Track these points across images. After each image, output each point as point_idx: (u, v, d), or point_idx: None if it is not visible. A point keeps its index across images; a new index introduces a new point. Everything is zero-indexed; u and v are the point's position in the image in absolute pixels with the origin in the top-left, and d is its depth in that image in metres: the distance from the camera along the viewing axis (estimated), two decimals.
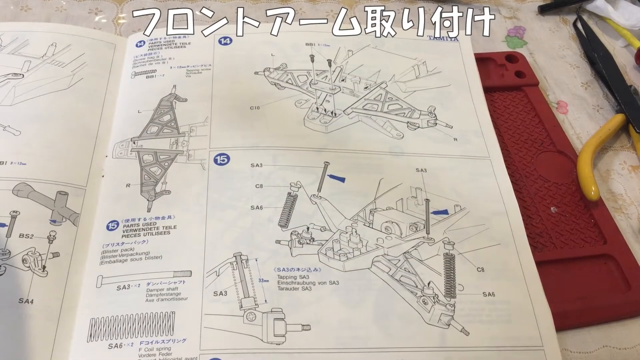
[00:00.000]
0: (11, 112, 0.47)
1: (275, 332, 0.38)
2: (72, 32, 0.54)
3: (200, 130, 0.47)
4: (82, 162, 0.46)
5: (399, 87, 0.53)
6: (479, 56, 0.57)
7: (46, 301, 0.39)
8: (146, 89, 0.51)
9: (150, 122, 0.48)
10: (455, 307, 0.40)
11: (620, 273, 0.44)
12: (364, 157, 0.47)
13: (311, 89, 0.51)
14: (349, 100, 0.51)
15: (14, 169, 0.44)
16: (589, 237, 0.46)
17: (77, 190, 0.44)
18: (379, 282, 0.41)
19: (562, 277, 0.43)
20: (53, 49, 0.52)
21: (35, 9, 0.58)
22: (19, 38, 0.53)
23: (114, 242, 0.42)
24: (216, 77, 0.51)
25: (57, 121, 0.47)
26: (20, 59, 0.51)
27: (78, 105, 0.49)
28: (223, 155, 0.46)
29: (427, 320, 0.39)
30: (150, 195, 0.44)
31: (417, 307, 0.40)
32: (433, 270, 0.41)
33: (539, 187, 0.49)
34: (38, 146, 0.45)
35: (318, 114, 0.49)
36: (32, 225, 0.41)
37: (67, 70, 0.51)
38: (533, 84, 0.56)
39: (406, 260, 0.42)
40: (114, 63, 0.53)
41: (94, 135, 0.47)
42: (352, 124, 0.49)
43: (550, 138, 0.52)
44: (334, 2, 0.63)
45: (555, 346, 0.39)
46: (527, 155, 0.51)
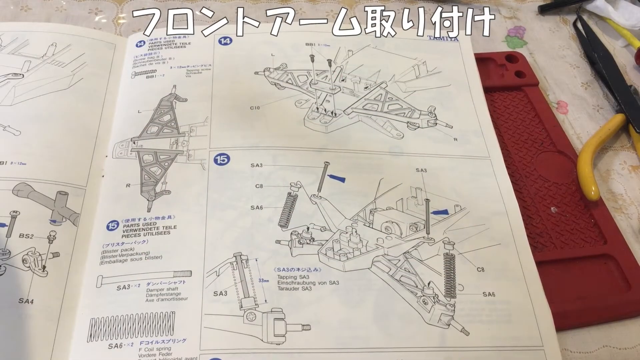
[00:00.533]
0: (11, 112, 0.47)
1: (276, 332, 0.38)
2: (72, 32, 0.54)
3: (200, 130, 0.47)
4: (82, 162, 0.46)
5: (399, 87, 0.52)
6: (479, 56, 0.57)
7: (46, 301, 0.39)
8: (146, 89, 0.51)
9: (150, 122, 0.48)
10: (455, 307, 0.40)
11: (621, 273, 0.44)
12: (364, 157, 0.47)
13: (311, 89, 0.51)
14: (349, 100, 0.51)
15: (14, 169, 0.44)
16: (589, 237, 0.46)
17: (77, 190, 0.44)
18: (379, 282, 0.41)
19: (562, 277, 0.43)
20: (53, 49, 0.52)
21: (35, 9, 0.58)
22: (19, 38, 0.53)
23: (114, 242, 0.42)
24: (216, 77, 0.51)
25: (57, 121, 0.47)
26: (20, 59, 0.51)
27: (78, 105, 0.49)
28: (223, 155, 0.46)
29: (427, 320, 0.39)
30: (150, 195, 0.44)
31: (417, 307, 0.40)
32: (433, 270, 0.41)
33: (539, 187, 0.49)
34: (38, 146, 0.45)
35: (318, 114, 0.49)
36: (32, 225, 0.41)
37: (67, 70, 0.51)
38: (533, 84, 0.56)
39: (406, 260, 0.42)
40: (114, 63, 0.53)
41: (94, 135, 0.47)
42: (352, 124, 0.49)
43: (550, 138, 0.52)
44: (334, 2, 0.63)
45: (555, 346, 0.39)
46: (527, 155, 0.51)
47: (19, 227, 0.41)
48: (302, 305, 0.39)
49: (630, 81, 0.58)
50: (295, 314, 0.39)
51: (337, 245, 0.42)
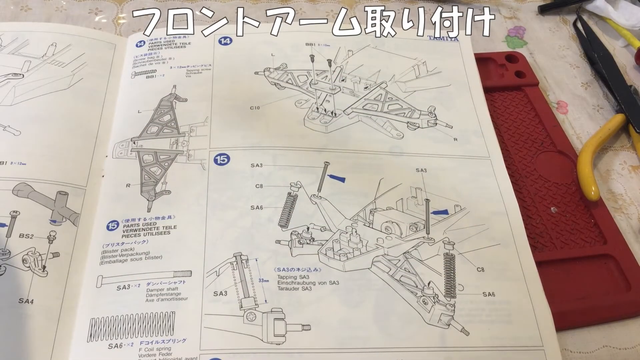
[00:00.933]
0: (11, 112, 0.47)
1: (276, 332, 0.38)
2: (72, 32, 0.54)
3: (200, 130, 0.47)
4: (83, 162, 0.46)
5: (399, 87, 0.53)
6: (479, 56, 0.57)
7: (46, 301, 0.39)
8: (146, 89, 0.51)
9: (151, 122, 0.48)
10: (455, 307, 0.40)
11: (621, 273, 0.44)
12: (364, 157, 0.47)
13: (311, 89, 0.51)
14: (349, 100, 0.51)
15: (14, 169, 0.44)
16: (589, 237, 0.46)
17: (77, 190, 0.44)
18: (379, 282, 0.41)
19: (563, 277, 0.43)
20: (53, 49, 0.52)
21: (35, 9, 0.58)
22: (19, 38, 0.53)
23: (114, 242, 0.42)
24: (216, 77, 0.51)
25: (57, 121, 0.47)
26: (20, 59, 0.51)
27: (78, 105, 0.49)
28: (223, 155, 0.46)
29: (427, 320, 0.39)
30: (150, 195, 0.44)
31: (417, 307, 0.40)
32: (433, 270, 0.41)
33: (539, 187, 0.49)
34: (38, 146, 0.45)
35: (318, 114, 0.49)
36: (32, 225, 0.41)
37: (67, 70, 0.51)
38: (533, 84, 0.56)
39: (406, 260, 0.42)
40: (114, 63, 0.53)
41: (94, 135, 0.47)
42: (352, 124, 0.49)
43: (550, 138, 0.52)
44: (334, 2, 0.63)
45: (555, 346, 0.39)
46: (527, 155, 0.51)
47: (19, 227, 0.41)
48: (302, 305, 0.39)
49: (631, 81, 0.58)
50: (296, 314, 0.39)
51: (337, 245, 0.42)
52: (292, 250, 0.41)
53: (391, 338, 0.38)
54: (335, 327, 0.38)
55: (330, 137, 0.48)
